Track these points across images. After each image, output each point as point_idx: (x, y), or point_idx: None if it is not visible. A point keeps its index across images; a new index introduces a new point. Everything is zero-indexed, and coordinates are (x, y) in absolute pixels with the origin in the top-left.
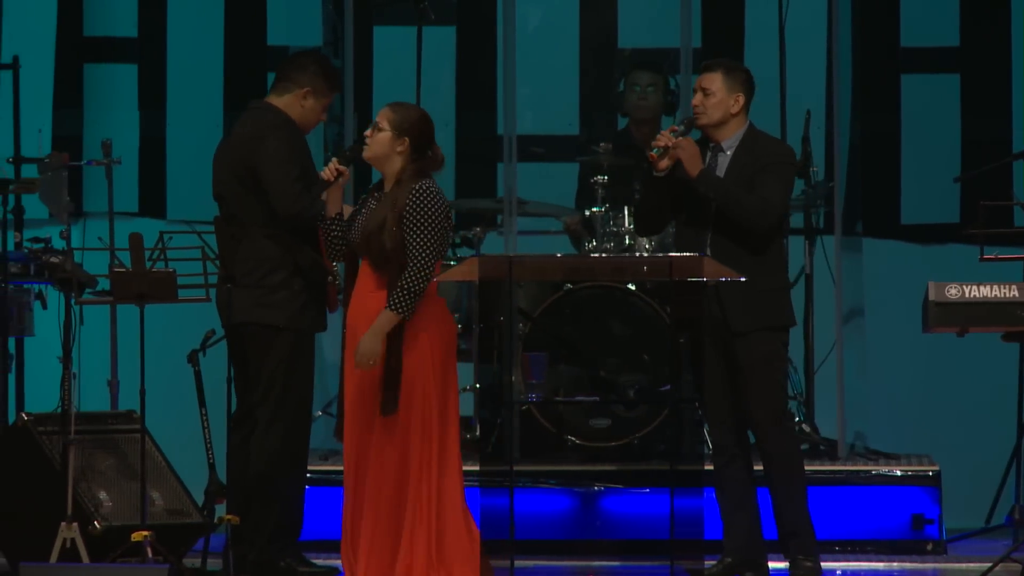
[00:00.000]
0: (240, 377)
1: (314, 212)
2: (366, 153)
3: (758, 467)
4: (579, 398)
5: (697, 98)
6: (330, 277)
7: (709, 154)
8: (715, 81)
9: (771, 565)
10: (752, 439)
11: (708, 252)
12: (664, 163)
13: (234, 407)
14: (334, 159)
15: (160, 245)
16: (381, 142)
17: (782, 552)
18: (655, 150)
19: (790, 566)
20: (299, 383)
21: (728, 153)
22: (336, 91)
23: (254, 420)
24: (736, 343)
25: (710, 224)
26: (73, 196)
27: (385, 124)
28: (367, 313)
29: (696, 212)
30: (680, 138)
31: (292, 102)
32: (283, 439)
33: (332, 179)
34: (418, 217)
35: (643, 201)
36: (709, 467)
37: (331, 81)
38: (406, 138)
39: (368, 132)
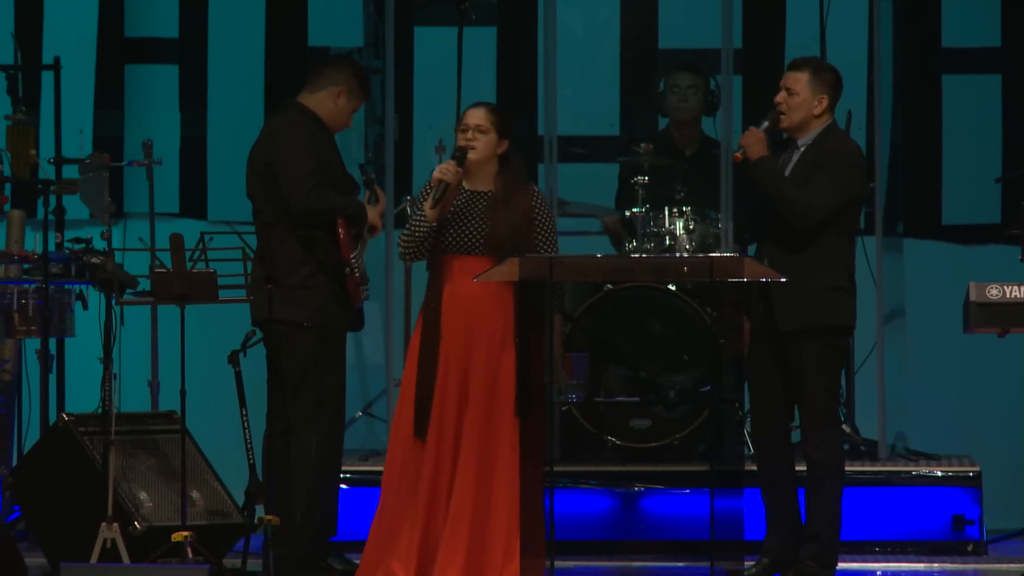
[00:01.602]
0: (272, 374)
1: (329, 207)
2: (473, 155)
3: (800, 467)
4: (619, 399)
5: (781, 96)
6: (347, 269)
7: (784, 151)
8: (800, 81)
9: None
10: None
11: (767, 250)
12: (738, 155)
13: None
14: (450, 161)
15: (201, 246)
16: (488, 144)
17: (799, 553)
18: (739, 149)
19: (798, 567)
20: (330, 381)
21: (801, 150)
22: (366, 98)
23: (288, 418)
24: (786, 344)
25: (770, 219)
26: (114, 197)
27: (488, 126)
28: (485, 311)
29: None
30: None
31: (325, 99)
32: (317, 439)
33: (453, 180)
34: (548, 217)
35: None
36: (751, 468)
37: (364, 85)
38: (506, 140)
39: (468, 135)
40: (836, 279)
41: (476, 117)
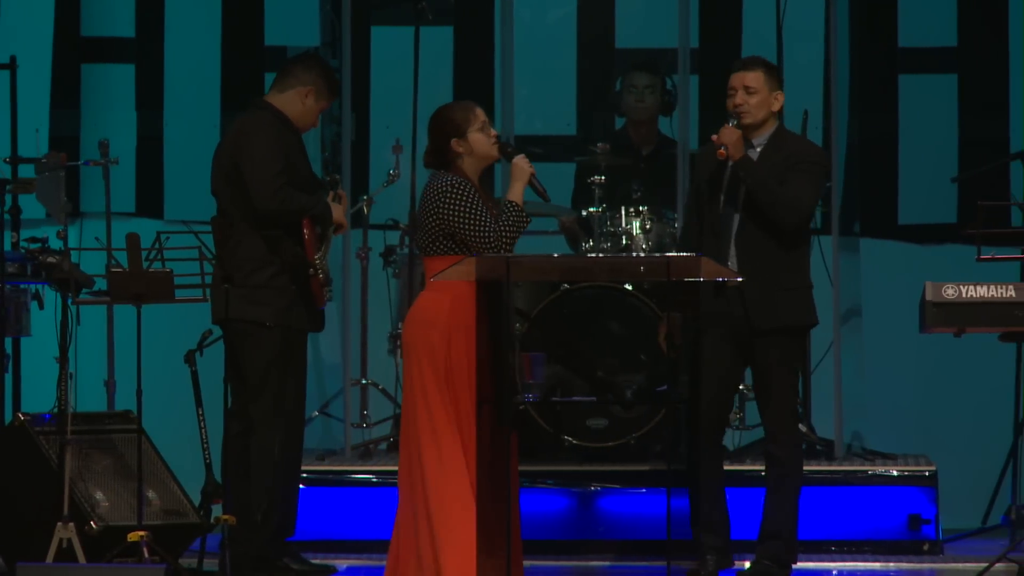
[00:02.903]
0: (233, 374)
1: (295, 208)
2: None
3: (757, 466)
4: (576, 398)
5: (740, 97)
6: (311, 270)
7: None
8: (758, 79)
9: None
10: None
11: (733, 248)
12: (722, 152)
13: (229, 404)
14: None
15: (157, 245)
16: None
17: (755, 551)
18: (720, 146)
19: (756, 566)
20: (291, 382)
21: (757, 150)
22: (335, 98)
23: (248, 418)
24: (756, 342)
25: (736, 219)
26: (70, 196)
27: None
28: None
29: (726, 206)
30: (724, 127)
31: (293, 98)
32: (278, 439)
33: None
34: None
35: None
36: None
37: (333, 86)
38: None
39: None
40: (804, 278)
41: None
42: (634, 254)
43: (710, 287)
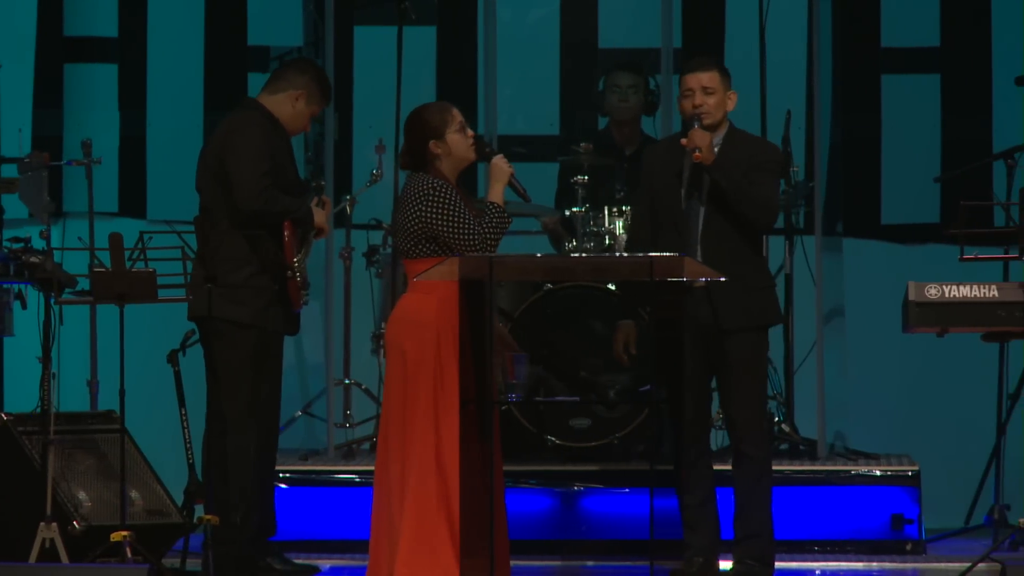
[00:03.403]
0: (212, 373)
1: (278, 209)
2: None
3: (723, 466)
4: (559, 398)
5: (699, 98)
6: (289, 272)
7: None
8: (715, 79)
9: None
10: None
11: (700, 248)
12: (698, 155)
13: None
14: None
15: (140, 245)
16: None
17: (734, 554)
18: (695, 149)
19: (739, 566)
20: (265, 382)
21: (715, 150)
22: (327, 103)
23: (224, 417)
24: (724, 342)
25: (700, 218)
26: (53, 196)
27: None
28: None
29: (688, 206)
30: (693, 130)
31: (284, 101)
32: (253, 439)
33: None
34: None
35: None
36: (722, 467)
37: (325, 91)
38: None
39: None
40: (767, 277)
41: None
42: (617, 254)
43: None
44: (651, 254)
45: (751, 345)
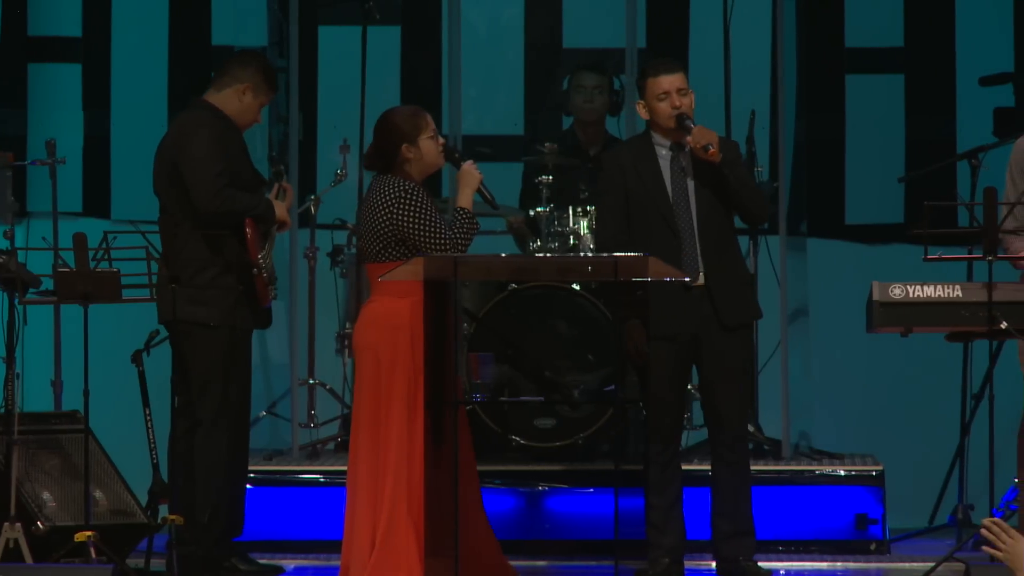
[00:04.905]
0: (180, 374)
1: (237, 208)
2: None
3: (703, 466)
4: (524, 398)
5: (676, 99)
6: (255, 269)
7: (670, 155)
8: (685, 80)
9: (695, 564)
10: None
11: (698, 245)
12: (714, 151)
13: (176, 404)
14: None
15: (104, 245)
16: None
17: (721, 551)
18: (709, 146)
19: (739, 564)
20: (237, 381)
21: (686, 149)
22: (274, 92)
23: (195, 418)
24: (724, 338)
25: (694, 216)
26: (17, 196)
27: None
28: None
29: (677, 204)
30: (696, 127)
31: (231, 96)
32: (225, 439)
33: None
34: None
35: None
36: (699, 467)
37: (270, 80)
38: None
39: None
40: (749, 273)
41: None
42: (581, 254)
43: (679, 286)
44: (615, 254)
45: (748, 341)
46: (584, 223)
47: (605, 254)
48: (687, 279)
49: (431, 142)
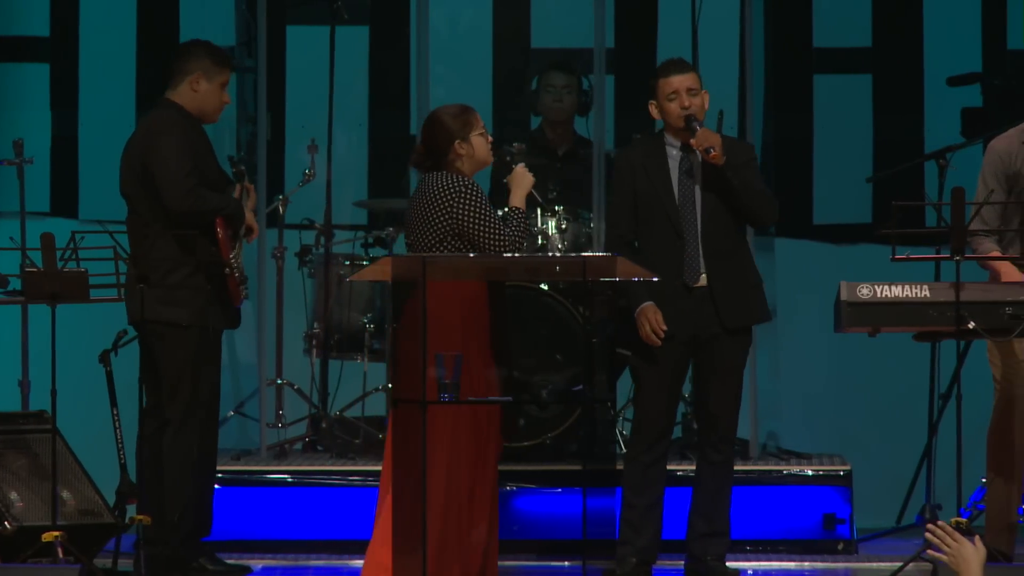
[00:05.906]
0: (149, 374)
1: (207, 208)
2: None
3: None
4: (492, 399)
5: (686, 100)
6: (227, 269)
7: (680, 155)
8: (696, 80)
9: (666, 564)
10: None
11: (701, 248)
12: (716, 153)
13: (144, 404)
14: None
15: (72, 245)
16: None
17: (692, 550)
18: (711, 149)
19: (706, 564)
20: (208, 381)
21: (699, 151)
22: (226, 67)
23: (164, 418)
24: (723, 341)
25: (698, 218)
26: None
27: None
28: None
29: (683, 206)
30: (700, 130)
31: (185, 91)
32: (195, 439)
33: None
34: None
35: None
36: (682, 468)
37: (218, 58)
38: None
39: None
40: (759, 273)
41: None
42: (550, 254)
43: (680, 287)
44: (583, 254)
45: (746, 344)
46: (552, 223)
47: (573, 254)
48: (655, 279)
49: (481, 139)
